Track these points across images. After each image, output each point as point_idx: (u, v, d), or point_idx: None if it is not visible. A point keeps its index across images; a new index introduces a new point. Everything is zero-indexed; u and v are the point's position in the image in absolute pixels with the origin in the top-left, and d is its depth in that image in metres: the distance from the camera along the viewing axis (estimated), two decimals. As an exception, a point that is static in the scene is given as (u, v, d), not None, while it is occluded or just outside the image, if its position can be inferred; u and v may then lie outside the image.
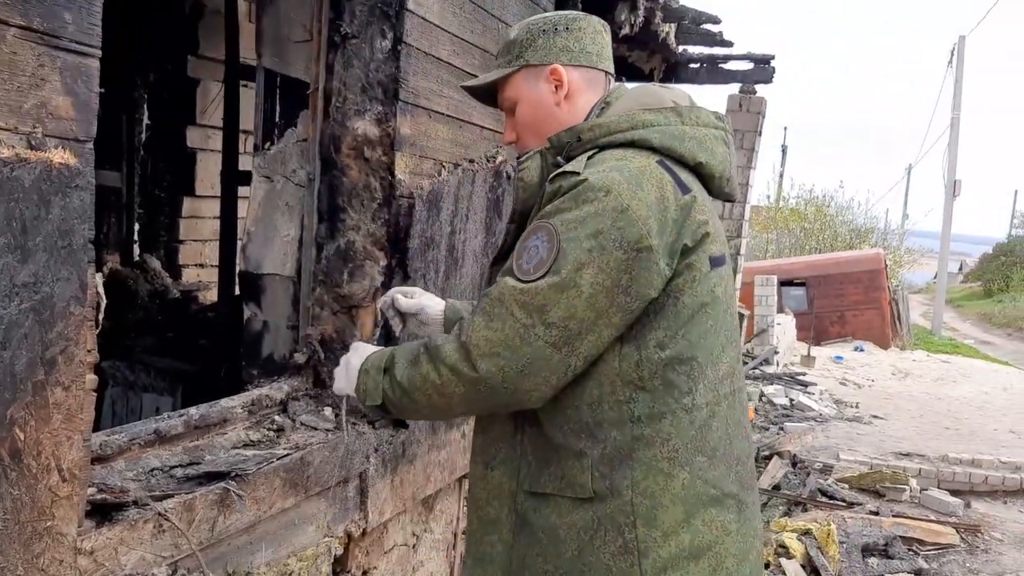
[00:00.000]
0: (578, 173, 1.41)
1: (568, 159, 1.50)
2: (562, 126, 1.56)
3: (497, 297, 1.40)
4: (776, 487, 5.69)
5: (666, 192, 1.41)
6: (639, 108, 1.52)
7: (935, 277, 27.00)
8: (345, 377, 1.62)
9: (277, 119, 2.48)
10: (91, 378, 1.44)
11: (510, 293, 1.39)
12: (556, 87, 1.58)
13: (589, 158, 1.46)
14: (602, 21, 1.65)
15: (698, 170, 1.51)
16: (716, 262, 1.49)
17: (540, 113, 1.59)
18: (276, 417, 2.16)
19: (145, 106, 4.12)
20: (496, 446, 1.57)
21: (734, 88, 7.47)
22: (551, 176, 1.46)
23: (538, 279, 1.37)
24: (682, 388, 1.45)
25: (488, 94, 1.69)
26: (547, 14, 1.63)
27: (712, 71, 6.09)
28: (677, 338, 1.44)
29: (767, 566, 4.27)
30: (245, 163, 3.39)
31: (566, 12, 1.63)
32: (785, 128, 43.17)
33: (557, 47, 1.58)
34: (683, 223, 1.42)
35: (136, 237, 4.16)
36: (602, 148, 1.48)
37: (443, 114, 2.50)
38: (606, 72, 1.62)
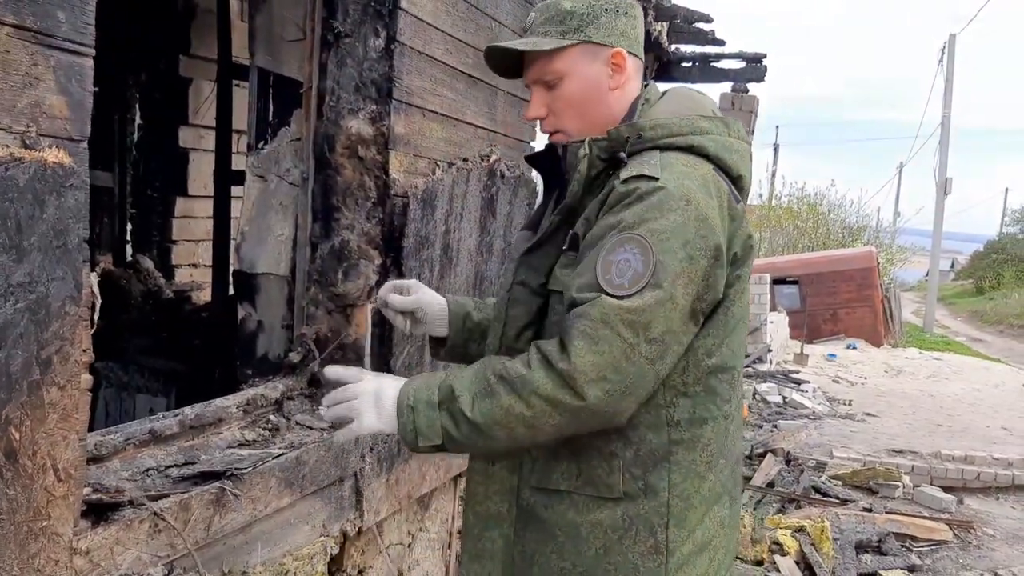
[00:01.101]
0: (656, 178, 1.37)
1: (630, 155, 1.44)
2: (610, 112, 1.52)
3: (600, 319, 1.30)
4: (770, 484, 5.71)
5: (724, 201, 1.42)
6: (693, 113, 1.49)
7: (927, 275, 27.11)
8: (376, 412, 1.43)
9: (270, 118, 2.47)
10: (86, 378, 1.44)
11: (615, 313, 1.30)
12: (614, 71, 1.50)
13: (659, 160, 1.41)
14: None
15: (737, 183, 1.49)
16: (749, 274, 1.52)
17: (591, 95, 1.51)
18: (271, 417, 2.15)
19: (137, 106, 4.10)
20: None
21: (726, 87, 7.47)
22: (626, 177, 1.39)
23: (637, 293, 1.31)
24: (723, 395, 1.47)
25: (506, 64, 1.57)
26: None
27: (704, 70, 6.10)
28: (723, 347, 1.45)
29: (760, 563, 4.29)
30: (238, 163, 3.39)
31: None
32: (777, 127, 43.31)
33: (619, 30, 1.50)
34: (735, 233, 1.43)
35: (129, 237, 4.14)
36: (662, 149, 1.43)
37: (437, 113, 2.50)
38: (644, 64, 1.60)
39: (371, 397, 1.44)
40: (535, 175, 3.21)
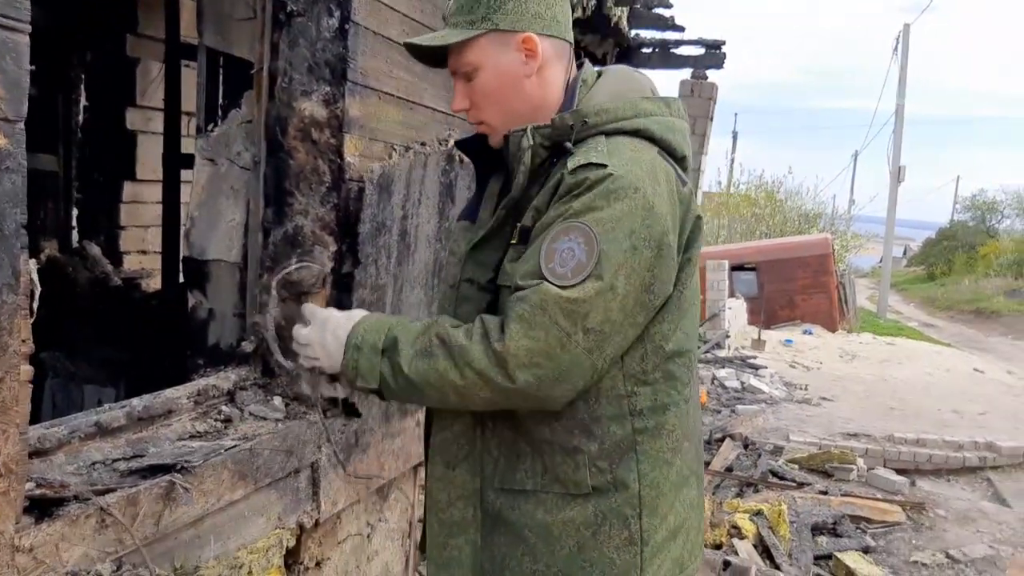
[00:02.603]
0: (605, 165, 1.33)
1: (575, 143, 1.40)
2: (531, 100, 1.47)
3: (538, 304, 1.30)
4: (729, 469, 5.77)
5: (672, 186, 1.40)
6: (634, 95, 1.46)
7: (880, 261, 27.64)
8: (323, 347, 1.49)
9: (220, 100, 2.40)
10: (26, 369, 1.39)
11: (554, 301, 1.30)
12: (527, 57, 1.45)
13: (605, 147, 1.38)
14: None
15: (681, 163, 1.47)
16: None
17: (507, 84, 1.46)
18: (223, 407, 2.10)
19: (82, 87, 3.97)
20: (458, 443, 1.52)
21: (686, 73, 7.50)
22: (574, 167, 1.35)
23: (579, 283, 1.30)
24: (683, 380, 1.46)
25: (434, 54, 1.52)
26: None
27: (664, 56, 6.10)
28: (677, 331, 1.44)
29: (719, 547, 4.33)
30: (188, 146, 3.30)
31: None
32: (736, 114, 43.81)
33: (530, 13, 1.44)
34: (684, 216, 1.41)
35: (74, 223, 4.02)
36: (607, 135, 1.40)
37: (393, 95, 2.45)
38: (569, 43, 1.52)
39: (317, 331, 1.52)
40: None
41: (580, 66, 1.54)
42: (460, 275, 1.50)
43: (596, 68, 1.56)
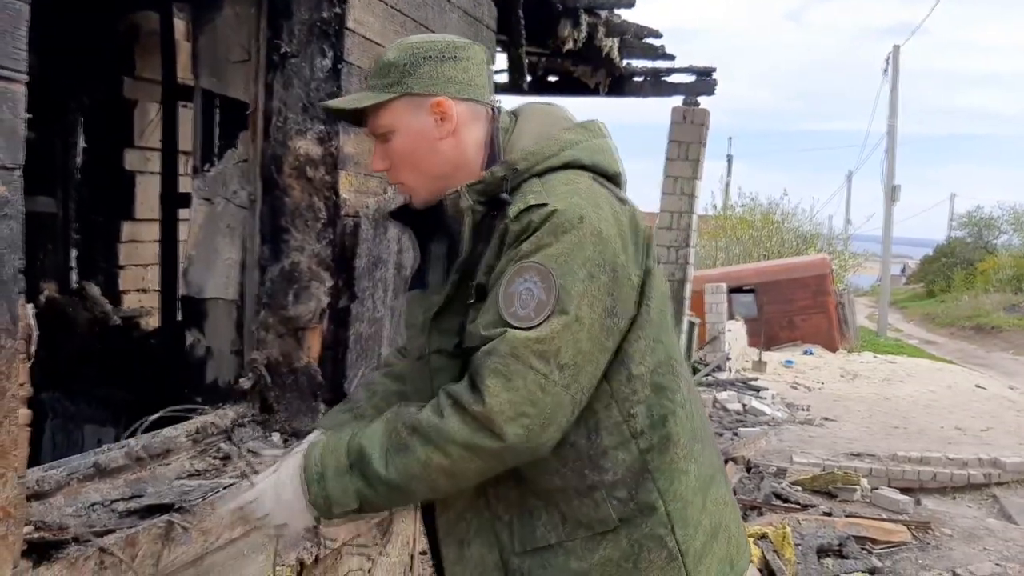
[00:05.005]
0: (546, 204, 1.34)
1: (511, 191, 1.40)
2: (448, 162, 1.47)
3: (510, 353, 1.28)
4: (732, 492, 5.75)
5: (614, 207, 1.41)
6: (556, 129, 1.48)
7: (879, 280, 27.66)
8: (282, 502, 1.41)
9: (216, 140, 2.43)
10: (24, 412, 1.40)
11: (524, 345, 1.28)
12: (440, 120, 1.45)
13: (541, 187, 1.39)
14: (486, 50, 1.57)
15: (614, 179, 1.49)
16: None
17: (421, 147, 1.46)
18: (222, 445, 2.11)
19: (80, 129, 4.01)
20: (464, 519, 1.47)
21: (677, 100, 7.56)
22: (516, 213, 1.36)
23: (543, 322, 1.29)
24: (671, 388, 1.45)
25: (353, 115, 1.53)
26: (430, 36, 1.51)
27: (656, 84, 6.18)
28: (655, 344, 1.43)
29: (725, 572, 4.29)
30: (186, 185, 3.33)
31: (451, 38, 1.52)
32: (730, 139, 44.20)
33: (444, 77, 1.44)
34: (634, 232, 1.42)
35: (73, 263, 4.04)
36: (540, 175, 1.41)
37: (387, 132, 2.48)
38: (488, 105, 1.52)
39: (270, 495, 1.44)
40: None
41: (498, 111, 1.54)
42: (428, 347, 1.48)
43: (508, 109, 1.56)
